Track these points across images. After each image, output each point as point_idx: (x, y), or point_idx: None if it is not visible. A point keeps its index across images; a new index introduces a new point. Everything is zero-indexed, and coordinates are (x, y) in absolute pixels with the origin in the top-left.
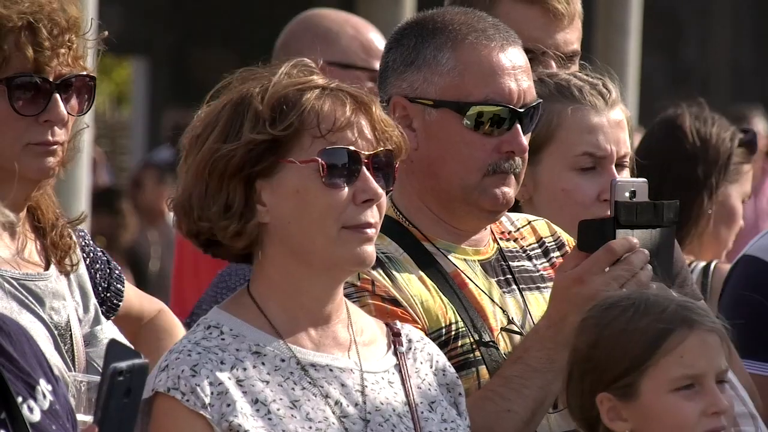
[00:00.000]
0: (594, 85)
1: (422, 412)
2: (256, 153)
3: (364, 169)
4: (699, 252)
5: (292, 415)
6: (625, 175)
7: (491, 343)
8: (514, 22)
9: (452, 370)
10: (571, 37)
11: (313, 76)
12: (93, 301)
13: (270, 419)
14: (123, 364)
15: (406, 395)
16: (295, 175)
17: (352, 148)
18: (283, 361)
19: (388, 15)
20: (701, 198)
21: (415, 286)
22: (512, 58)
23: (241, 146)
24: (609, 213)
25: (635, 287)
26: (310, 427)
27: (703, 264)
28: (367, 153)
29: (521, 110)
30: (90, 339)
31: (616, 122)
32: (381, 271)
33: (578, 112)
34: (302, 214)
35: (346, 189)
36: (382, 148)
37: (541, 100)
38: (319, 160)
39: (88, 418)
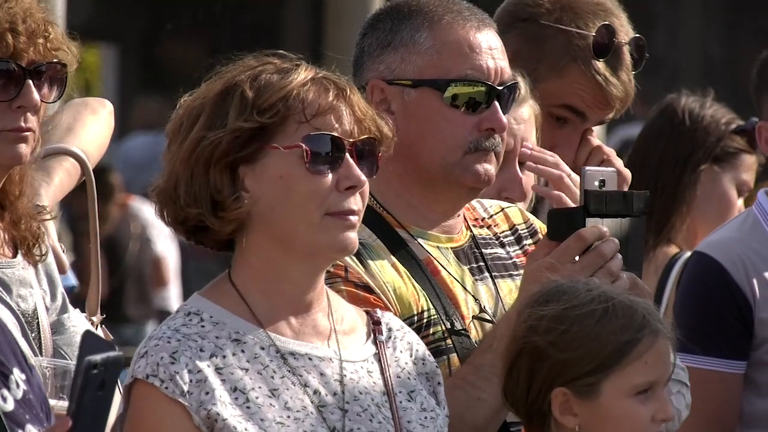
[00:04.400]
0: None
1: (401, 402)
2: (241, 140)
3: (348, 156)
4: (691, 241)
5: (270, 404)
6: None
7: (463, 332)
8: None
9: (432, 359)
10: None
11: (299, 65)
12: (60, 289)
13: (248, 408)
14: (98, 357)
15: (385, 384)
16: (278, 161)
17: (335, 134)
18: (262, 349)
19: (358, 7)
20: (684, 178)
21: (387, 273)
22: (488, 38)
23: (227, 133)
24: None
25: (606, 276)
26: (288, 416)
27: (688, 254)
28: (350, 140)
29: (500, 88)
30: (57, 327)
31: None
32: (354, 258)
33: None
34: (285, 200)
35: (330, 175)
36: (365, 136)
37: (516, 81)
38: (303, 146)
39: (53, 402)
